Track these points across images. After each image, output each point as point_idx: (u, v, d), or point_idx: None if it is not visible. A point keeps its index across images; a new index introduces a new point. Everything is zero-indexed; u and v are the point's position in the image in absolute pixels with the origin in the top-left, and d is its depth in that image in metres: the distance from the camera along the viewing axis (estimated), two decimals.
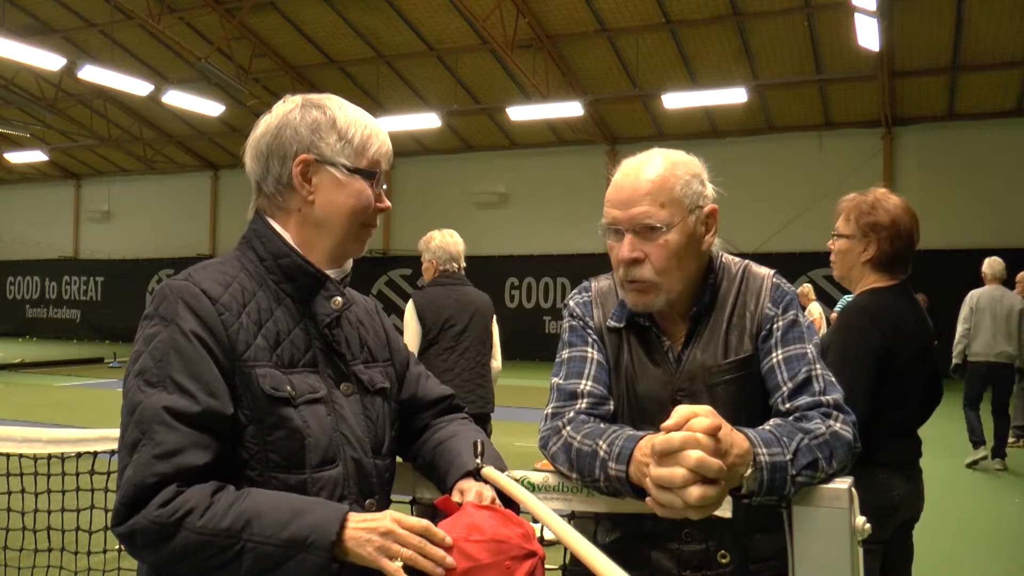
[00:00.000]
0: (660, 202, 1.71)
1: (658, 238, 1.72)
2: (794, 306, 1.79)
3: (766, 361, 1.75)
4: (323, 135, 1.53)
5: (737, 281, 1.83)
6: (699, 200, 1.76)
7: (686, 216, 1.73)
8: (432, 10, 17.28)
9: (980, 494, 7.37)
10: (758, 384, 1.76)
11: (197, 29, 18.80)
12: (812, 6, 15.37)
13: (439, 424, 1.74)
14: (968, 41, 15.75)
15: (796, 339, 1.75)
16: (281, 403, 1.42)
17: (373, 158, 1.57)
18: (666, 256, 1.72)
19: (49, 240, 29.62)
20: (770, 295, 1.80)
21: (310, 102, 1.58)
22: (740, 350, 1.77)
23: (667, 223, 1.71)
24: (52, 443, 2.33)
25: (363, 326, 1.67)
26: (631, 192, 1.74)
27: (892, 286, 2.81)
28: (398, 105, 20.36)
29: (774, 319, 1.77)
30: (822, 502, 1.50)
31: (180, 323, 1.39)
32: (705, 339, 1.79)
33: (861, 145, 18.97)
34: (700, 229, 1.76)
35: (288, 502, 1.34)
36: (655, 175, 1.74)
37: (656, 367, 1.80)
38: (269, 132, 1.55)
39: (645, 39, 17.12)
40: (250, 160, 1.57)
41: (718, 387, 1.75)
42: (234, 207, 26.09)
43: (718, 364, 1.76)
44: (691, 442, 1.36)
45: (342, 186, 1.54)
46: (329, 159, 1.53)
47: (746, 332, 1.78)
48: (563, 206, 21.24)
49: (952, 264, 17.50)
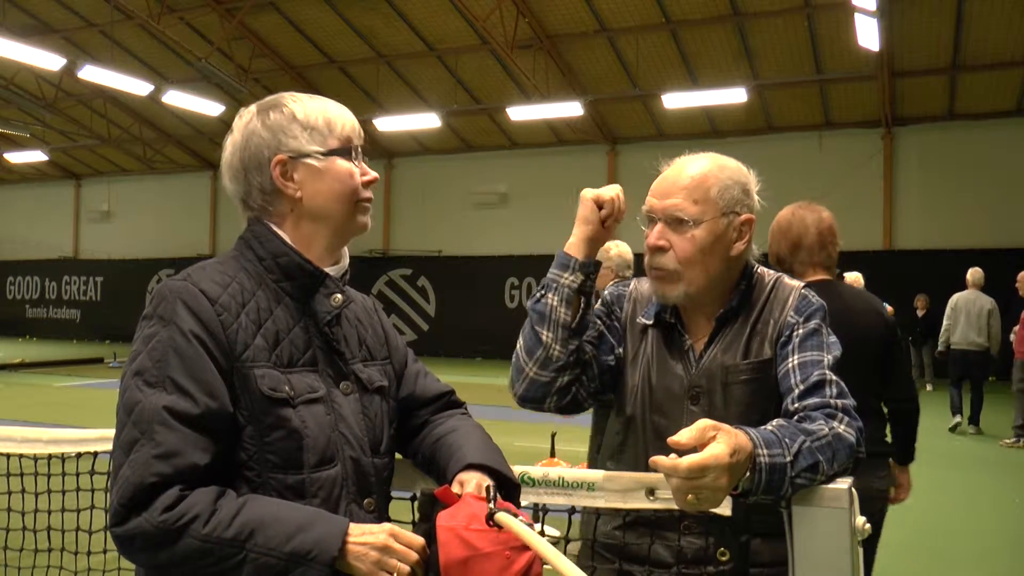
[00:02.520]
0: (694, 198, 1.79)
1: (685, 231, 1.79)
2: (817, 317, 1.81)
3: (783, 366, 1.78)
4: (288, 132, 1.53)
5: (767, 290, 1.87)
6: (735, 206, 1.82)
7: (717, 217, 1.79)
8: (432, 10, 17.28)
9: (979, 494, 7.37)
10: (773, 389, 1.78)
11: (197, 29, 18.81)
12: (812, 6, 15.37)
13: (438, 420, 1.74)
14: (968, 41, 15.76)
15: (815, 347, 1.77)
16: (279, 404, 1.42)
17: (342, 135, 1.57)
18: (691, 250, 1.78)
19: (49, 240, 29.63)
20: (795, 305, 1.83)
21: (265, 106, 1.58)
22: (760, 354, 1.80)
23: (695, 219, 1.78)
24: (52, 443, 2.33)
25: (362, 324, 1.67)
26: (671, 185, 1.83)
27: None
28: (398, 105, 20.37)
29: (795, 326, 1.80)
30: (822, 502, 1.50)
31: (179, 323, 1.38)
32: (728, 341, 1.83)
33: (861, 145, 18.98)
34: (731, 234, 1.82)
35: (291, 513, 1.34)
36: (697, 172, 1.82)
37: (675, 362, 1.85)
38: (238, 148, 1.56)
39: (645, 39, 17.12)
40: (229, 181, 1.58)
41: (733, 386, 1.79)
42: (234, 207, 25.74)
43: (736, 364, 1.80)
44: (697, 470, 1.37)
45: (323, 173, 1.54)
46: (302, 151, 1.53)
47: (767, 338, 1.82)
48: (563, 206, 21.06)
49: (952, 263, 17.52)
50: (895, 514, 3.28)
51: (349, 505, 1.48)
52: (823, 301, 1.86)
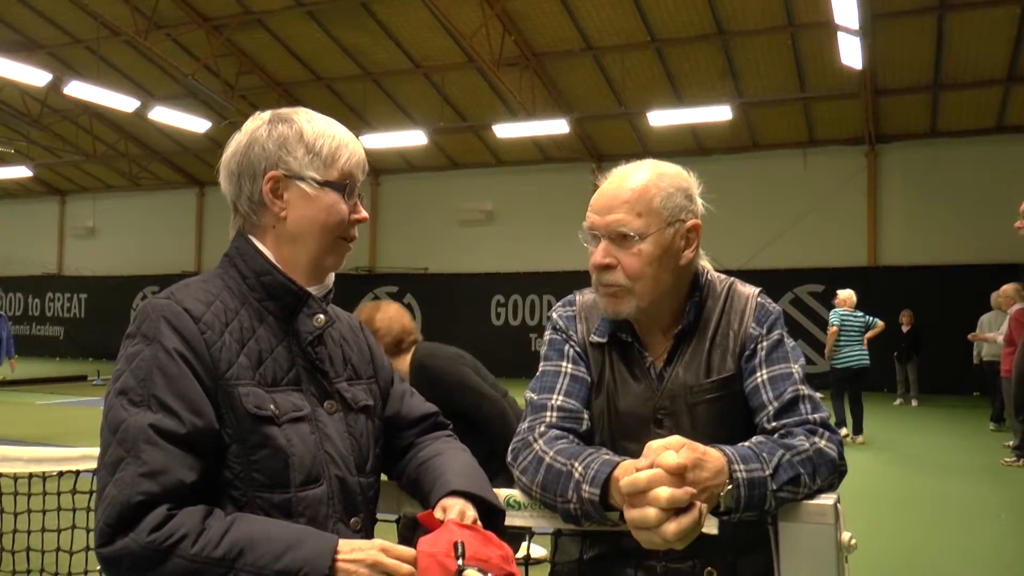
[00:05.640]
0: (637, 211, 1.71)
1: (631, 246, 1.71)
2: (779, 326, 1.79)
3: (750, 380, 1.74)
4: (290, 149, 1.52)
5: (722, 300, 1.82)
6: (680, 214, 1.74)
7: (663, 228, 1.72)
8: (418, 28, 17.35)
9: (968, 511, 7.39)
10: (740, 403, 1.75)
11: (184, 46, 18.80)
12: (796, 25, 15.52)
13: (424, 442, 1.73)
14: (948, 60, 15.95)
15: (781, 359, 1.74)
16: (264, 422, 1.41)
17: (344, 169, 1.55)
18: (639, 265, 1.71)
19: (32, 256, 29.43)
20: (755, 314, 1.79)
21: (278, 117, 1.56)
22: (723, 369, 1.76)
23: (640, 232, 1.70)
24: (33, 462, 2.31)
25: (347, 343, 1.67)
26: (611, 199, 1.74)
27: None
28: (384, 122, 20.40)
29: (758, 339, 1.76)
30: (808, 518, 1.50)
31: (163, 341, 1.37)
32: (688, 357, 1.78)
33: (845, 162, 19.14)
34: (679, 243, 1.75)
35: (280, 532, 1.33)
36: (637, 184, 1.73)
37: (637, 383, 1.79)
38: (239, 151, 1.54)
39: (630, 57, 17.23)
40: (223, 180, 1.57)
41: (699, 406, 1.75)
42: (220, 224, 26.02)
43: (700, 383, 1.75)
44: (658, 480, 1.37)
45: (312, 200, 1.52)
46: (298, 173, 1.51)
47: (729, 351, 1.77)
48: (549, 223, 21.27)
49: (935, 279, 17.68)
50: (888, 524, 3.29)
51: (336, 524, 1.47)
52: (778, 306, 1.84)
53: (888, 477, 8.79)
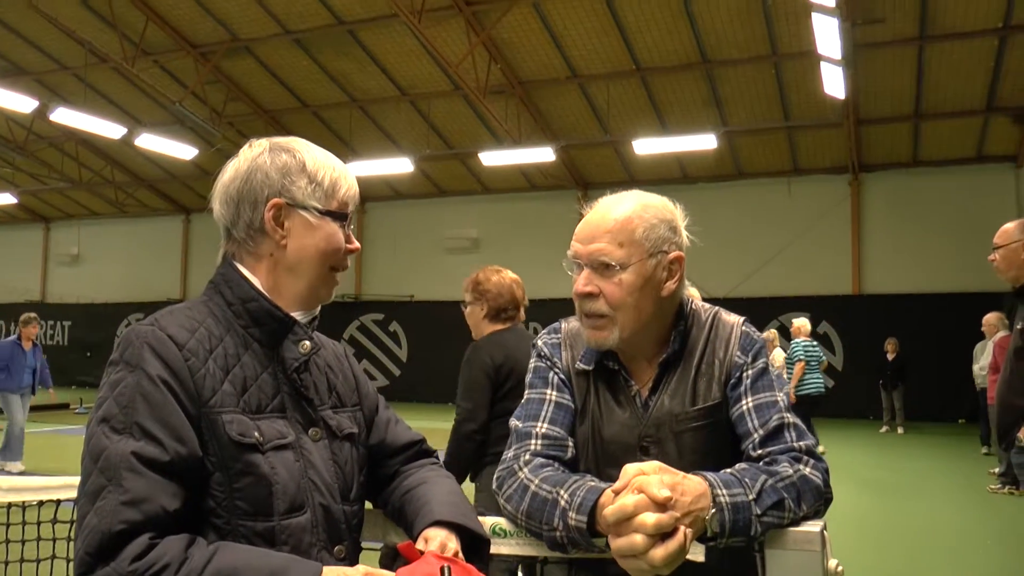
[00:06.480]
0: (619, 241, 1.73)
1: (613, 276, 1.73)
2: (763, 354, 1.81)
3: (736, 408, 1.75)
4: (294, 179, 1.53)
5: (707, 329, 1.84)
6: (663, 245, 1.76)
7: (645, 259, 1.74)
8: (405, 55, 17.44)
9: (954, 538, 7.38)
10: (725, 431, 1.76)
11: (171, 72, 18.83)
12: (779, 55, 15.70)
13: (408, 470, 1.73)
14: (928, 90, 16.16)
15: (766, 387, 1.75)
16: (248, 450, 1.40)
17: (342, 200, 1.58)
18: (620, 294, 1.72)
19: (15, 283, 29.18)
20: (739, 343, 1.81)
21: (278, 146, 1.57)
22: (708, 397, 1.77)
23: (622, 262, 1.72)
24: (13, 491, 2.27)
25: (332, 371, 1.66)
26: (594, 229, 1.76)
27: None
28: (371, 149, 20.45)
29: (743, 367, 1.78)
30: (794, 545, 1.50)
31: (146, 368, 1.36)
32: (673, 386, 1.79)
33: (829, 191, 19.30)
34: (661, 274, 1.76)
35: (264, 560, 1.31)
36: (621, 215, 1.75)
37: (623, 411, 1.80)
38: (239, 177, 1.54)
39: (616, 86, 17.37)
40: (219, 205, 1.56)
41: (685, 434, 1.75)
42: (206, 251, 25.94)
43: (685, 411, 1.76)
44: (643, 506, 1.39)
45: (314, 229, 1.54)
46: (301, 203, 1.53)
47: (715, 379, 1.78)
48: (535, 251, 21.28)
49: (919, 307, 17.78)
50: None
51: (319, 552, 1.46)
52: (763, 338, 1.85)
53: (874, 504, 8.78)
